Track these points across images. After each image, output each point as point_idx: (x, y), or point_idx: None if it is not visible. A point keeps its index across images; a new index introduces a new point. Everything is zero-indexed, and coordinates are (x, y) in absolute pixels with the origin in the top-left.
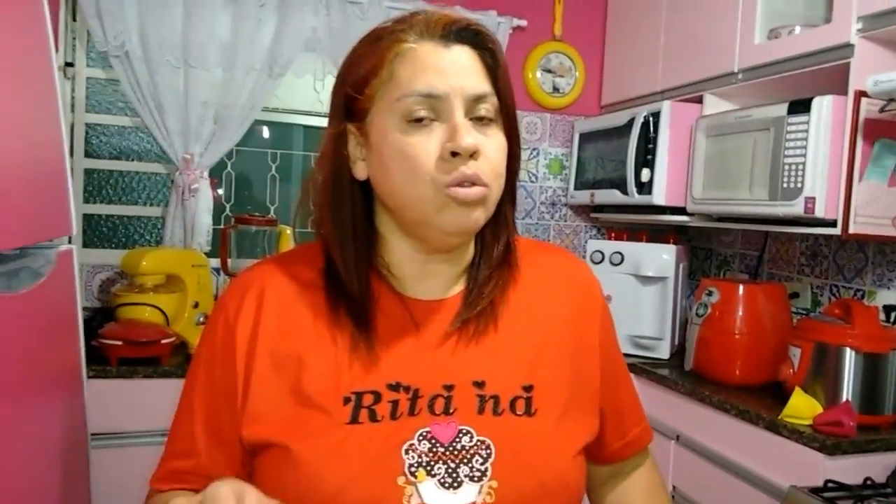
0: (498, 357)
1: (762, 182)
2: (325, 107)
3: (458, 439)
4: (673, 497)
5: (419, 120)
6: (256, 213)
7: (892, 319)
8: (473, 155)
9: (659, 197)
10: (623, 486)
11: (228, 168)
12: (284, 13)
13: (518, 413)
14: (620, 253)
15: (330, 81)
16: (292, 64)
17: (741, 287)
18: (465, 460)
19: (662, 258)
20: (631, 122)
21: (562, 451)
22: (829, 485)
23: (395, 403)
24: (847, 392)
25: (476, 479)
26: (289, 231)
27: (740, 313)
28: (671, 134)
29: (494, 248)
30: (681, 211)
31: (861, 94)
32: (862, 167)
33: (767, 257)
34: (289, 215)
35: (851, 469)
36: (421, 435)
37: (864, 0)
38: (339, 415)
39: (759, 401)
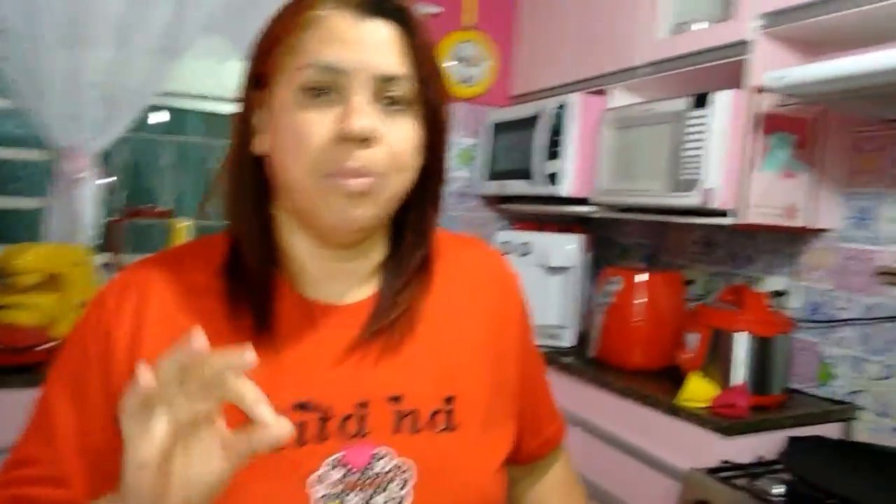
0: (415, 368)
1: (662, 174)
2: (227, 92)
3: (372, 464)
4: None
5: (319, 94)
6: (150, 205)
7: (780, 303)
8: (367, 141)
9: (566, 188)
10: (540, 483)
11: (119, 156)
12: None
13: (437, 429)
14: (528, 243)
15: (232, 65)
16: (192, 45)
17: (641, 276)
18: (382, 487)
19: (568, 248)
20: (539, 113)
21: (485, 468)
22: (725, 464)
23: (302, 426)
24: (740, 374)
25: None
26: (185, 224)
27: (640, 301)
28: (579, 126)
29: (413, 250)
30: (582, 202)
31: (759, 90)
32: (758, 159)
33: (664, 246)
34: (185, 207)
35: (745, 448)
36: (332, 462)
37: None
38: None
39: (659, 385)
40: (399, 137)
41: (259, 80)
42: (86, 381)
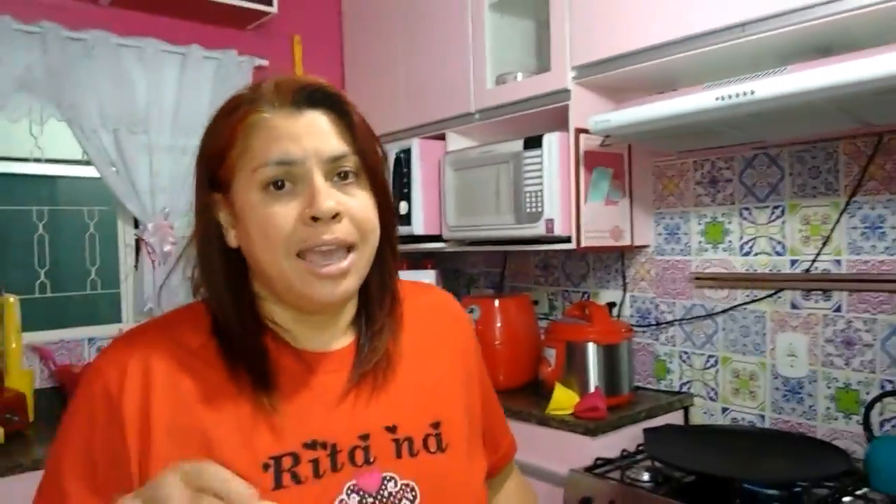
0: (401, 401)
1: (508, 208)
2: (44, 153)
3: (384, 487)
4: None
5: (278, 188)
6: None
7: (615, 313)
8: (335, 217)
9: (418, 227)
10: (500, 493)
11: None
12: None
13: (431, 451)
14: None
15: (51, 125)
16: (4, 105)
17: (496, 301)
18: None
19: (426, 283)
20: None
21: (475, 483)
22: (598, 461)
23: (316, 462)
24: (595, 379)
25: None
26: (13, 300)
27: (498, 324)
28: (422, 168)
29: (382, 299)
30: (436, 238)
31: (580, 131)
32: (585, 192)
33: (508, 273)
34: (11, 281)
35: (611, 444)
36: (349, 489)
37: (575, 52)
38: (261, 483)
39: (526, 400)
40: (358, 207)
41: (216, 182)
42: (94, 448)
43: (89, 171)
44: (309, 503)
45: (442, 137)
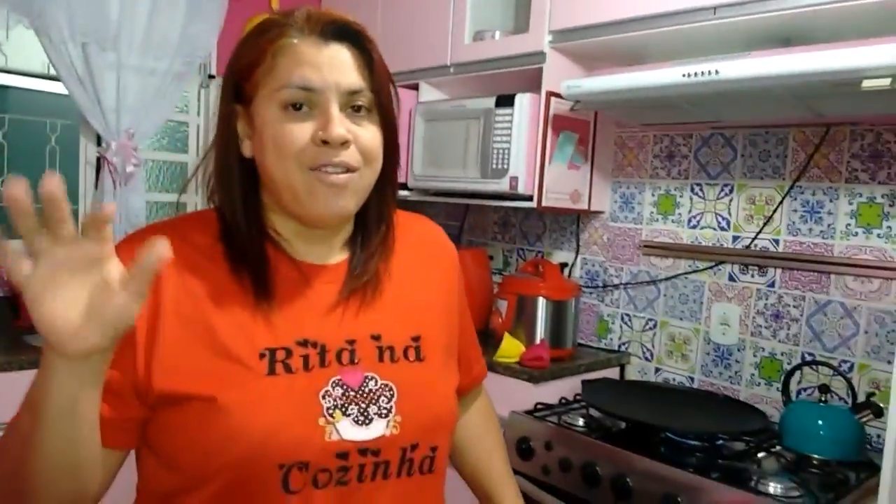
0: (386, 315)
1: (474, 163)
2: (9, 61)
3: (365, 384)
4: None
5: (296, 109)
6: None
7: (566, 273)
8: (344, 144)
9: None
10: (467, 412)
11: None
12: None
13: (410, 360)
14: None
15: (20, 33)
16: None
17: None
18: (373, 401)
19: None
20: None
21: (447, 390)
22: (538, 406)
23: (306, 357)
24: (542, 332)
25: (383, 415)
26: None
27: None
28: None
29: (376, 227)
30: (401, 186)
31: (551, 94)
32: (550, 153)
33: (467, 226)
34: None
35: (551, 392)
36: (334, 382)
37: (554, 17)
38: (257, 367)
39: None
40: (366, 138)
41: (240, 94)
42: None
43: (53, 86)
44: (298, 390)
45: (415, 87)
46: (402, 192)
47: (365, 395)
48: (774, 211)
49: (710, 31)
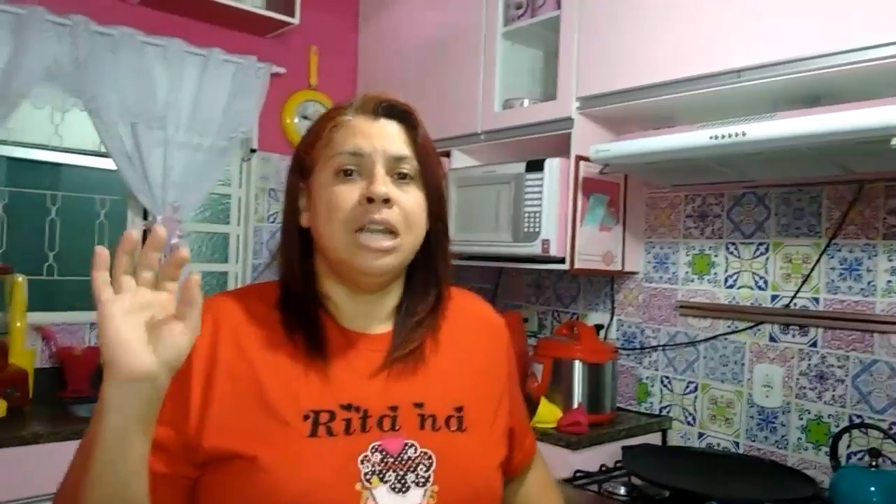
0: (430, 384)
1: (506, 226)
2: (63, 141)
3: (404, 451)
4: None
5: (347, 174)
6: None
7: (602, 335)
8: (387, 203)
9: None
10: (525, 486)
11: None
12: (22, 37)
13: (452, 429)
14: None
15: (73, 114)
16: (30, 92)
17: None
18: (412, 468)
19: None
20: None
21: (489, 462)
22: (577, 474)
23: (349, 421)
24: (579, 396)
25: (421, 484)
26: (21, 279)
27: None
28: None
29: (424, 296)
30: None
31: (580, 158)
32: (581, 216)
33: (501, 290)
34: (20, 261)
35: (590, 459)
36: (373, 448)
37: (581, 84)
38: (300, 428)
39: None
40: (409, 201)
41: (303, 170)
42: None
43: (103, 163)
44: (338, 453)
45: (447, 154)
46: None
47: (404, 462)
48: (812, 269)
49: (737, 92)
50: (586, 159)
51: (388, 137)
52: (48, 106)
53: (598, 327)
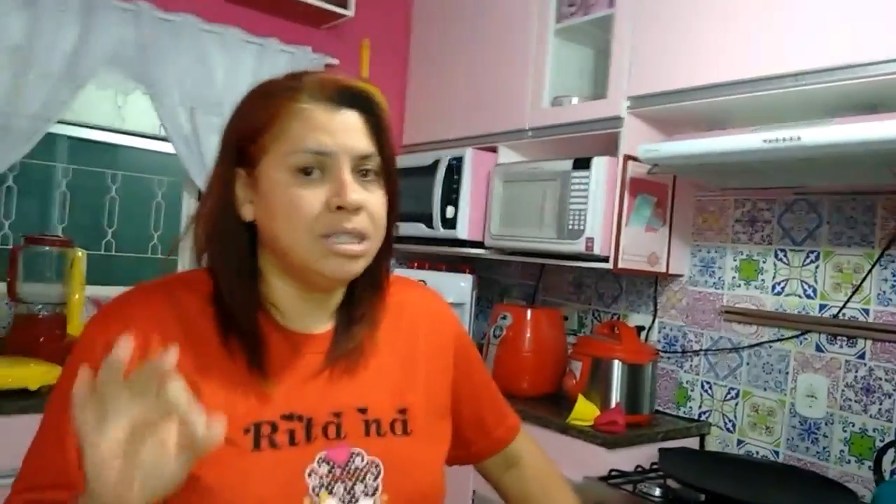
0: (372, 386)
1: (551, 223)
2: (125, 123)
3: (351, 460)
4: (472, 501)
5: (308, 174)
6: (46, 233)
7: (643, 336)
8: (357, 210)
9: (462, 232)
10: (518, 472)
11: (10, 182)
12: (89, 21)
13: (397, 433)
14: (424, 281)
15: (135, 97)
16: (95, 75)
17: (528, 311)
18: (360, 479)
19: (462, 286)
20: (436, 163)
21: (434, 465)
22: (613, 473)
23: (292, 432)
24: (617, 396)
25: (370, 493)
26: (81, 254)
27: (528, 334)
28: (472, 177)
29: (366, 292)
30: (478, 244)
31: (628, 158)
32: (627, 216)
33: (542, 286)
34: (80, 236)
35: (626, 459)
36: (320, 459)
37: (632, 83)
38: (242, 443)
39: (548, 408)
40: (376, 204)
41: (243, 157)
42: None
43: (161, 146)
44: (283, 467)
45: (494, 150)
46: (479, 251)
47: (351, 472)
48: (864, 279)
49: (793, 97)
50: (635, 159)
51: (352, 132)
52: (111, 89)
53: (640, 328)
